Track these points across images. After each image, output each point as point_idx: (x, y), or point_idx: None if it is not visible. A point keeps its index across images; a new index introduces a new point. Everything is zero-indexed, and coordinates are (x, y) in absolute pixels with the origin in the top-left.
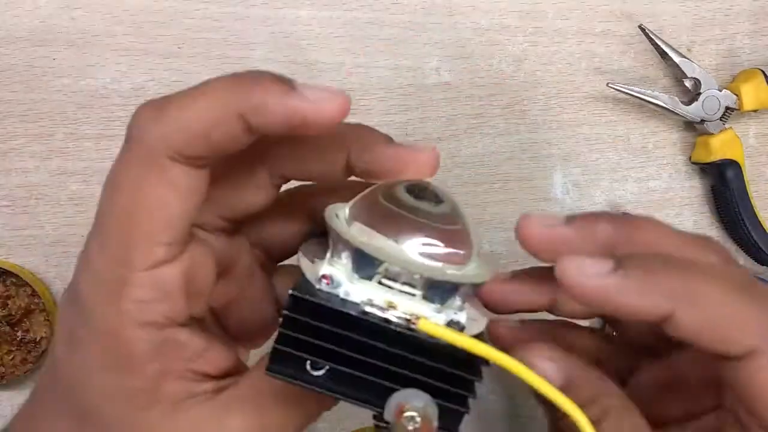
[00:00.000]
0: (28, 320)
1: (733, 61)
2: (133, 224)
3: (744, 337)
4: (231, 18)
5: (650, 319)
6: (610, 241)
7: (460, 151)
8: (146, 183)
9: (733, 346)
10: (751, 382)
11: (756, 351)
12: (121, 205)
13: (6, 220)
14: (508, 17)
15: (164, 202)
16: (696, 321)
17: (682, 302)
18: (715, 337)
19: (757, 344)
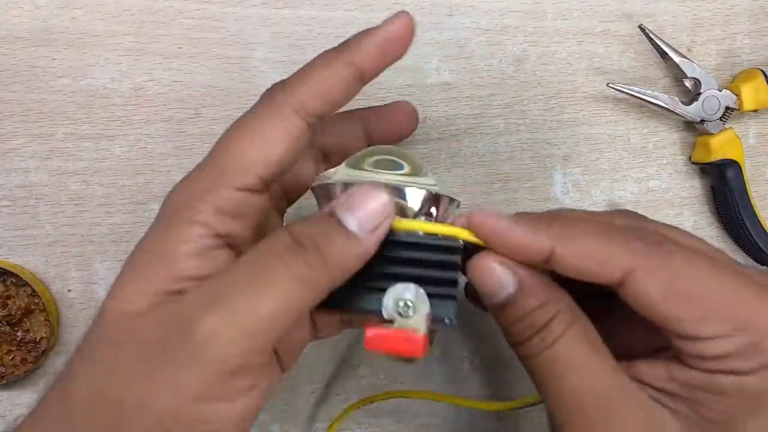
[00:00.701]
0: (28, 320)
1: (733, 61)
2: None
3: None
4: (231, 18)
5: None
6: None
7: (460, 151)
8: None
9: (609, 271)
10: (639, 298)
11: (631, 271)
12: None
13: (6, 220)
14: (508, 17)
15: (273, 142)
16: (572, 255)
17: (560, 240)
18: (592, 267)
19: (630, 265)
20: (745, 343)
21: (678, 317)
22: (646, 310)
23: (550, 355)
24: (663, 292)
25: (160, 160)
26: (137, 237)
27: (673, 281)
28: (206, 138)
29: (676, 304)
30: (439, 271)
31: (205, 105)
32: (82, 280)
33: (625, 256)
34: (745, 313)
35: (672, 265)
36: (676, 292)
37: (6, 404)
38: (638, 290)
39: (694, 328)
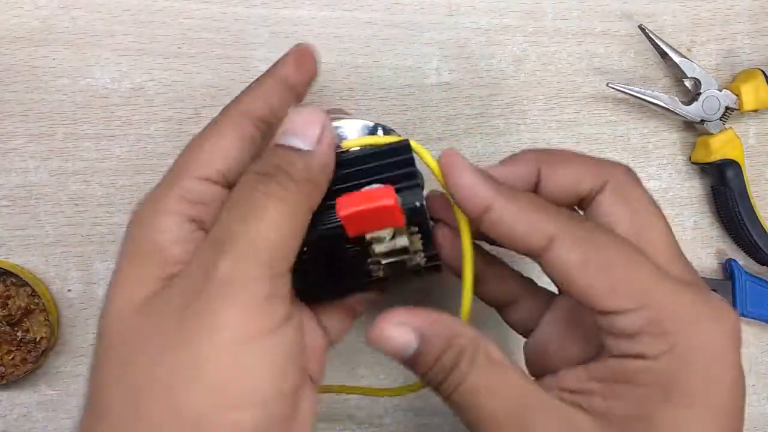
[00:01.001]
0: (28, 320)
1: (733, 61)
2: (199, 149)
3: (544, 225)
4: (231, 18)
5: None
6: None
7: (460, 151)
8: (221, 127)
9: (535, 234)
10: (559, 266)
11: (554, 237)
12: (194, 141)
13: (6, 220)
14: (508, 17)
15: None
16: (506, 211)
17: (500, 195)
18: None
19: (553, 231)
20: (651, 320)
21: (591, 286)
22: (564, 279)
23: (464, 389)
24: (580, 261)
25: (160, 160)
26: None
27: (590, 252)
28: None
29: (590, 274)
30: (396, 169)
31: (205, 105)
32: (82, 280)
33: (551, 222)
34: (652, 291)
35: (593, 239)
36: (592, 263)
37: (6, 404)
38: (558, 257)
39: (603, 298)
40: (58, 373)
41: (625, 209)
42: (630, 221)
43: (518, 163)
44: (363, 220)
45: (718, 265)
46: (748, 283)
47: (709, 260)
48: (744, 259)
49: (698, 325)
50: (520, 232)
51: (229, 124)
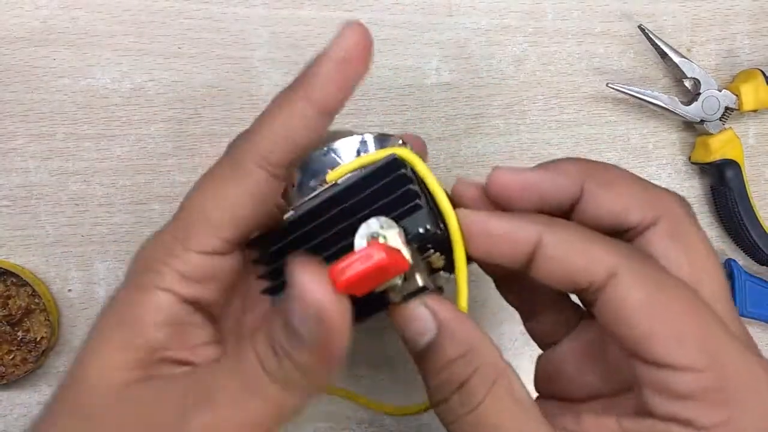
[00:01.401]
0: (28, 320)
1: (733, 61)
2: (204, 212)
3: (604, 256)
4: (231, 18)
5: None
6: (573, 177)
7: (460, 151)
8: (230, 182)
9: (595, 268)
10: (618, 305)
11: (616, 271)
12: (200, 196)
13: (6, 220)
14: (508, 17)
15: (238, 202)
16: (559, 243)
17: (547, 228)
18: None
19: (615, 262)
20: (714, 386)
21: (653, 331)
22: (622, 319)
23: (474, 419)
24: (643, 301)
25: (160, 160)
26: (137, 237)
27: (655, 292)
28: (206, 138)
29: (654, 316)
30: (391, 193)
31: (205, 105)
32: (82, 280)
33: (614, 253)
34: (718, 352)
35: (659, 280)
36: (657, 304)
37: (6, 404)
38: (619, 294)
39: (666, 348)
40: (58, 373)
41: (681, 253)
42: (688, 268)
43: (561, 173)
44: (363, 282)
45: None
46: (748, 283)
47: None
48: (744, 259)
49: (761, 400)
50: (578, 267)
51: (240, 178)
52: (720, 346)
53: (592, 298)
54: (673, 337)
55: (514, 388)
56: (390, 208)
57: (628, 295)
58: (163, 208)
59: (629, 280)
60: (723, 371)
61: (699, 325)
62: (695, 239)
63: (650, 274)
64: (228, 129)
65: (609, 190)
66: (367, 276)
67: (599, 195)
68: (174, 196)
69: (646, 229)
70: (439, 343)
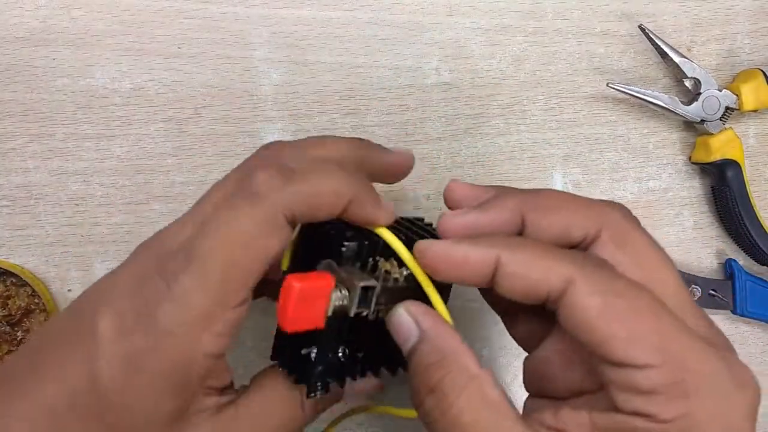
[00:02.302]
0: (28, 320)
1: (733, 61)
2: (239, 269)
3: (560, 268)
4: (231, 18)
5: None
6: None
7: (460, 151)
8: (263, 239)
9: (552, 279)
10: (576, 312)
11: (573, 280)
12: (235, 251)
13: (6, 220)
14: (507, 17)
15: (269, 256)
16: (517, 261)
17: (504, 249)
18: (535, 275)
19: (571, 273)
20: (672, 381)
21: (610, 335)
22: (581, 326)
23: (448, 421)
24: (600, 306)
25: (160, 160)
26: (137, 237)
27: (611, 298)
28: (206, 138)
29: (611, 320)
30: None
31: (205, 105)
32: (82, 280)
33: (568, 264)
34: (675, 348)
35: (613, 284)
36: (613, 310)
37: None
38: (576, 302)
39: (624, 349)
40: None
41: (628, 257)
42: (639, 271)
43: (500, 210)
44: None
45: (718, 265)
46: (748, 283)
47: (709, 260)
48: (744, 259)
49: (719, 392)
50: (535, 279)
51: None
52: (677, 342)
53: (554, 307)
54: (630, 338)
55: (485, 391)
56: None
57: (584, 302)
58: (162, 208)
59: (584, 287)
60: (681, 366)
61: (654, 323)
62: (640, 242)
63: (604, 279)
64: (228, 129)
65: (548, 214)
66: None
67: (540, 221)
68: (173, 196)
69: (592, 242)
70: (419, 349)
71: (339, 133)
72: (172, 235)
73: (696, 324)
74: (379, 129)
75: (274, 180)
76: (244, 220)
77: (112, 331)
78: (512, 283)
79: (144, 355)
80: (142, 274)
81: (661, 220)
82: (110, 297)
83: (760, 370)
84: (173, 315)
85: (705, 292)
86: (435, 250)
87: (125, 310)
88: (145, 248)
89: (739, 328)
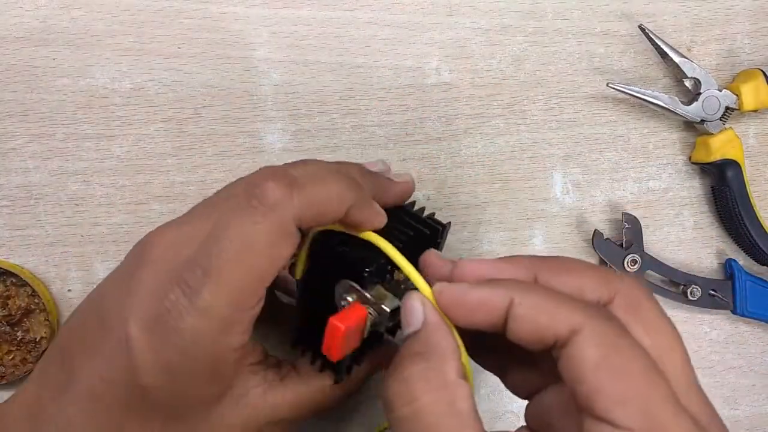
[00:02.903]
0: (28, 320)
1: (733, 61)
2: (255, 278)
3: (569, 315)
4: (231, 18)
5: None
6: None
7: (460, 151)
8: (275, 248)
9: (560, 325)
10: (575, 361)
11: (578, 330)
12: (250, 262)
13: (6, 220)
14: (507, 17)
15: (282, 260)
16: (529, 305)
17: (517, 291)
18: (544, 320)
19: (578, 323)
20: None
21: (599, 388)
22: (576, 374)
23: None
24: (597, 358)
25: (160, 160)
26: (137, 237)
27: (610, 351)
28: (206, 138)
29: (606, 376)
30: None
31: (205, 105)
32: (82, 280)
33: (578, 312)
34: (659, 417)
35: (617, 341)
36: (608, 363)
37: None
38: (576, 351)
39: (610, 407)
40: None
41: (641, 327)
42: (646, 337)
43: (514, 266)
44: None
45: (718, 265)
46: (748, 283)
47: (709, 260)
48: (744, 259)
49: None
50: (545, 324)
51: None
52: (663, 413)
53: (558, 354)
54: (618, 396)
55: (455, 400)
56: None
57: (584, 352)
58: (162, 208)
59: (588, 338)
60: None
61: (646, 389)
62: (653, 312)
63: (610, 334)
64: (228, 129)
65: (561, 274)
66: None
67: (552, 279)
68: (173, 196)
69: (605, 305)
70: (413, 336)
71: (339, 132)
72: (186, 241)
73: (689, 401)
74: (379, 129)
75: (283, 190)
76: (257, 231)
77: (144, 343)
78: (522, 326)
79: (177, 362)
80: (161, 283)
81: (661, 220)
82: (135, 306)
83: (760, 370)
84: (198, 327)
85: (705, 292)
86: (453, 293)
87: (151, 321)
88: (156, 248)
89: (739, 328)
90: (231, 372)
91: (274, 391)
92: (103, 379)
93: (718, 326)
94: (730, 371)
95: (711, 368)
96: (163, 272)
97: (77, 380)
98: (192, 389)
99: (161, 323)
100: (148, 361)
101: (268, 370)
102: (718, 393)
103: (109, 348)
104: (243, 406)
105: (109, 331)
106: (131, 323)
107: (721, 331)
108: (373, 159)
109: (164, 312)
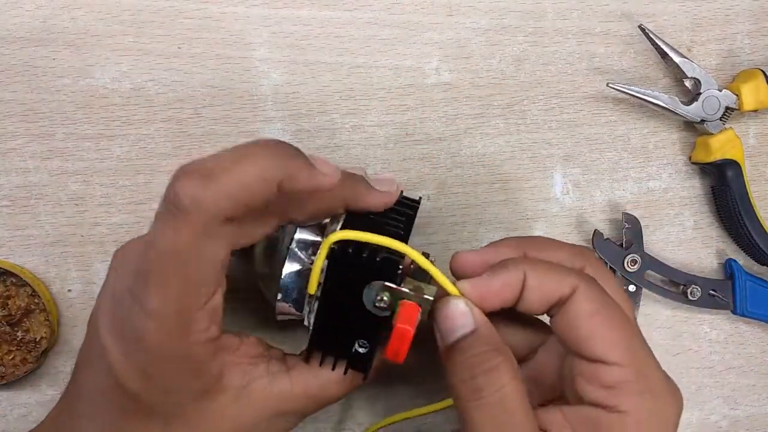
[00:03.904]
0: (28, 320)
1: (733, 61)
2: (193, 279)
3: (568, 279)
4: (231, 18)
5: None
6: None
7: (460, 151)
8: (204, 246)
9: (563, 287)
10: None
11: (577, 288)
12: (182, 266)
13: (6, 220)
14: (508, 17)
15: (218, 257)
16: (537, 276)
17: (527, 266)
18: (552, 283)
19: (577, 283)
20: (631, 379)
21: (593, 334)
22: (573, 324)
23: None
24: (591, 310)
25: (160, 160)
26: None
27: (601, 305)
28: (206, 138)
29: (597, 323)
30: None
31: (205, 105)
32: (82, 280)
33: (574, 276)
34: (639, 355)
35: (604, 297)
36: (599, 314)
37: (6, 404)
38: (575, 305)
39: (601, 347)
40: (58, 373)
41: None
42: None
43: (508, 247)
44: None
45: (718, 265)
46: (748, 283)
47: (709, 260)
48: (744, 259)
49: (663, 395)
50: (550, 288)
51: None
52: (641, 352)
53: (554, 312)
54: (608, 339)
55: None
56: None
57: (580, 306)
58: None
59: (584, 295)
60: (640, 369)
61: (628, 333)
62: (613, 282)
63: (598, 290)
64: (228, 129)
65: (546, 250)
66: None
67: (540, 255)
68: None
69: None
70: (475, 336)
71: (339, 132)
72: (132, 250)
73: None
74: (379, 129)
75: (195, 188)
76: (180, 239)
77: (117, 350)
78: (534, 295)
79: (149, 365)
80: (120, 291)
81: (661, 220)
82: (104, 316)
83: (760, 370)
84: (154, 330)
85: (705, 292)
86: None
87: (118, 329)
88: (116, 257)
89: (739, 328)
90: (212, 365)
91: (279, 382)
92: (98, 388)
93: (718, 326)
94: (730, 371)
95: (711, 368)
96: (120, 280)
97: (82, 392)
98: (175, 388)
99: (126, 330)
100: (125, 368)
101: (272, 361)
102: (718, 393)
103: (96, 358)
104: (245, 398)
105: (95, 341)
106: (103, 332)
107: (721, 331)
108: (372, 159)
109: (125, 318)
